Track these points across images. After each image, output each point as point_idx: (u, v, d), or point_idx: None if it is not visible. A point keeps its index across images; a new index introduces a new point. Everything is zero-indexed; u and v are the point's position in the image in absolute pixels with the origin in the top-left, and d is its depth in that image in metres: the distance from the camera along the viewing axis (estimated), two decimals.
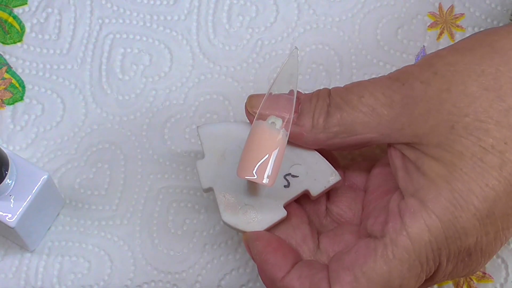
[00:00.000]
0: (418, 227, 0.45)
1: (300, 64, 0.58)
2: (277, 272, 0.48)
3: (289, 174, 0.50)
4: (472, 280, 0.54)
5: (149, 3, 0.60)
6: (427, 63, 0.48)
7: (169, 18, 0.60)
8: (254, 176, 0.47)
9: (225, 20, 0.60)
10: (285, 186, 0.50)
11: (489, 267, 0.54)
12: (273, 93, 0.49)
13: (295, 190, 0.50)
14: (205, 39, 0.59)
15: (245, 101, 0.50)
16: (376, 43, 0.59)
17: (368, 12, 0.60)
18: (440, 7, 0.59)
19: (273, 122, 0.48)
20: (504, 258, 0.54)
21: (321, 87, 0.51)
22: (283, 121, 0.48)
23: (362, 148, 0.50)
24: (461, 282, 0.54)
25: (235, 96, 0.58)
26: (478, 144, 0.45)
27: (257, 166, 0.47)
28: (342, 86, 0.50)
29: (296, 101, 0.49)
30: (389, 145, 0.49)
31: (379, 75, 0.50)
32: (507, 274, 0.54)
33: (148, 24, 0.59)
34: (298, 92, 0.49)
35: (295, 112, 0.49)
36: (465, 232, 0.45)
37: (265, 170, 0.47)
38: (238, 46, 0.59)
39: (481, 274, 0.54)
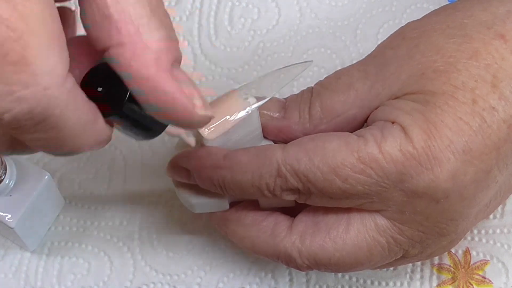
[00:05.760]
0: (391, 143, 0.45)
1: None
2: (215, 156, 0.47)
3: None
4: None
5: None
6: (397, 32, 0.50)
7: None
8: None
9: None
10: None
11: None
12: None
13: None
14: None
15: None
16: None
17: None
18: None
19: (246, 98, 0.48)
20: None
21: None
22: (257, 101, 0.47)
23: (352, 132, 0.50)
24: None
25: None
26: (449, 83, 0.46)
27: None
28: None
29: (281, 100, 0.50)
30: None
31: None
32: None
33: None
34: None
35: (282, 108, 0.49)
36: (438, 164, 0.45)
37: (210, 123, 0.46)
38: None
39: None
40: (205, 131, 0.47)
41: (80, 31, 0.39)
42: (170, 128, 0.42)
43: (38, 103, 0.35)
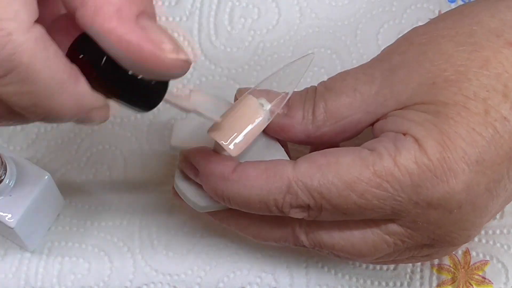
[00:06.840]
0: (406, 156, 0.45)
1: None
2: (226, 167, 0.47)
3: None
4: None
5: None
6: (404, 38, 0.49)
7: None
8: (223, 138, 0.46)
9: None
10: None
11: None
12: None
13: None
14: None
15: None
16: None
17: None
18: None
19: (261, 103, 0.47)
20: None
21: None
22: (271, 106, 0.48)
23: (354, 137, 0.50)
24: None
25: None
26: (460, 93, 0.46)
27: (228, 131, 0.47)
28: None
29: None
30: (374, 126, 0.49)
31: None
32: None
33: None
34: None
35: (285, 105, 0.49)
36: (453, 175, 0.45)
37: (235, 137, 0.46)
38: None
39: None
40: (230, 148, 0.46)
41: None
42: (182, 103, 0.42)
43: (3, 48, 0.36)
